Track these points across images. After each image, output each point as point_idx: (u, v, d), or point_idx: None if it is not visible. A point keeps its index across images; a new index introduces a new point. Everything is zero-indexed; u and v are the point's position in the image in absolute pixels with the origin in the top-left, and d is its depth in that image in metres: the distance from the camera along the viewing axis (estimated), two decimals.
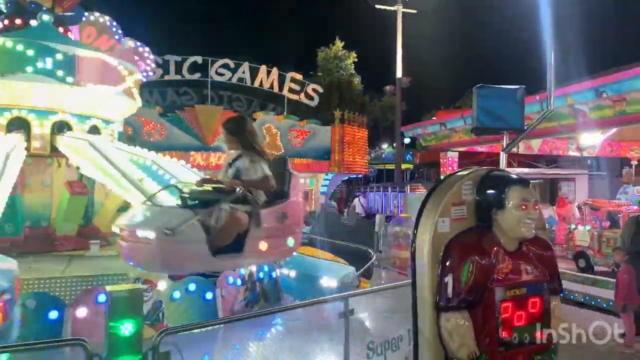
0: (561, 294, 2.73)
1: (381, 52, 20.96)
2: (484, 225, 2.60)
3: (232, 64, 16.74)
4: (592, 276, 8.71)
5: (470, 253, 2.46)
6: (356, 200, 19.13)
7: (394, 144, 22.83)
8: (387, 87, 22.79)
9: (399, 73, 20.19)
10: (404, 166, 22.92)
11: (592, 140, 13.13)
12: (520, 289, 2.54)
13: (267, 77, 16.49)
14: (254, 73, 16.57)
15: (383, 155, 29.45)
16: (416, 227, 2.65)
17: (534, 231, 2.68)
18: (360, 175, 19.67)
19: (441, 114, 17.41)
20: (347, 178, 21.63)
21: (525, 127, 5.24)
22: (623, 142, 13.76)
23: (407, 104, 25.00)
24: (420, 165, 22.84)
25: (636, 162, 12.23)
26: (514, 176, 2.63)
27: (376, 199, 19.69)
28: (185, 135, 15.91)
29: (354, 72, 22.47)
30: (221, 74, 16.73)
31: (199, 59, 16.83)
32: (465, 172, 2.73)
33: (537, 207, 2.53)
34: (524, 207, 2.47)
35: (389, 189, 18.99)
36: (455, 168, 12.58)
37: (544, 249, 2.68)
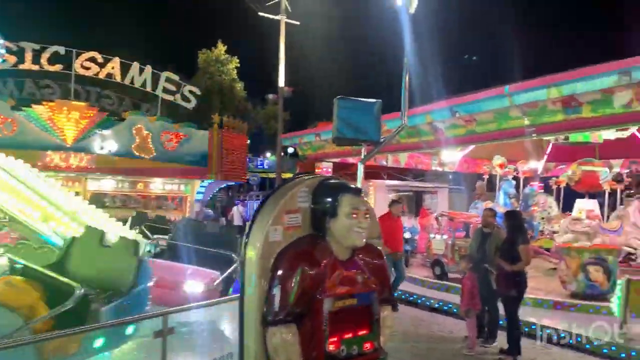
0: (393, 303, 2.76)
1: (267, 59, 20.95)
2: (319, 233, 2.54)
3: (100, 58, 15.46)
4: (445, 283, 9.38)
5: (301, 262, 2.37)
6: (235, 208, 18.73)
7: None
8: (270, 96, 22.86)
9: (281, 82, 20.23)
10: (286, 175, 23.12)
11: (451, 157, 14.33)
12: (350, 299, 2.50)
13: (139, 75, 15.50)
14: (125, 70, 15.48)
15: (267, 164, 29.42)
16: (247, 235, 2.51)
17: (366, 240, 2.71)
18: (239, 183, 19.35)
19: (322, 125, 17.79)
20: (226, 186, 21.14)
21: (382, 140, 5.41)
22: (478, 159, 15.19)
23: (293, 113, 25.37)
24: (300, 174, 23.00)
25: (487, 177, 13.52)
26: (348, 185, 2.60)
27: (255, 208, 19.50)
28: (41, 133, 14.29)
29: (236, 77, 22.14)
30: (87, 68, 15.38)
31: (61, 49, 15.27)
32: (301, 179, 2.65)
33: (368, 215, 2.52)
34: (354, 215, 2.44)
35: None
36: None
37: (375, 258, 2.68)
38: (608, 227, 8.45)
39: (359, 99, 5.32)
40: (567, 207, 12.28)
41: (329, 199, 2.49)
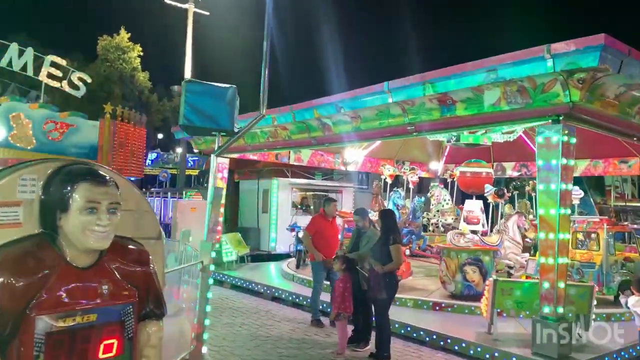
0: (158, 317, 2.27)
1: (178, 50, 19.87)
2: (48, 233, 2.00)
3: None
4: None
5: (4, 272, 1.82)
6: None
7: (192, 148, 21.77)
8: (176, 88, 21.78)
9: (187, 74, 19.27)
10: (193, 172, 22.07)
11: (354, 156, 14.23)
12: (86, 315, 1.99)
13: (18, 58, 13.94)
14: (3, 52, 13.85)
15: (177, 159, 28.07)
16: None
17: (135, 241, 2.21)
18: (138, 178, 18.11)
19: None
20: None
21: (237, 130, 4.92)
22: (381, 159, 15.24)
23: None
24: (206, 171, 22.29)
25: (383, 177, 13.55)
26: (91, 171, 2.06)
27: (156, 206, 18.37)
28: None
29: (138, 66, 20.79)
30: None
31: None
32: (24, 164, 2.09)
33: (115, 210, 2.01)
34: (92, 209, 1.92)
35: (169, 194, 17.89)
36: (225, 175, 12.26)
37: (136, 263, 2.17)
38: (488, 242, 8.59)
39: (211, 83, 4.80)
40: (462, 201, 12.58)
41: (62, 189, 1.95)
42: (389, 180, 12.30)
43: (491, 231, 9.86)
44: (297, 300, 8.84)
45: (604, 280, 7.90)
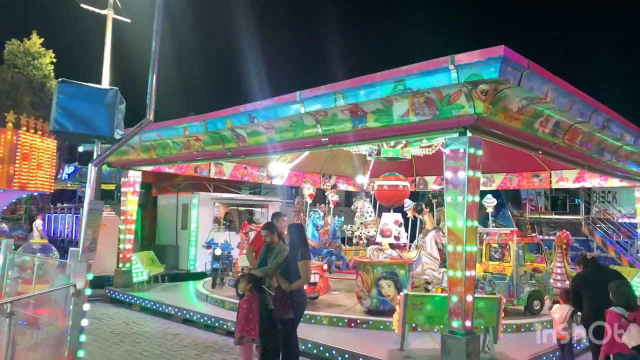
0: None
1: (93, 58, 18.69)
2: None
3: None
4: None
5: None
6: (34, 223, 16.07)
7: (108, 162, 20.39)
8: None
9: (105, 83, 18.18)
10: (109, 186, 20.76)
11: (279, 169, 13.90)
12: None
13: None
14: None
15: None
16: None
17: None
18: (46, 193, 16.74)
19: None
20: (34, 195, 18.24)
21: (120, 137, 4.43)
22: (307, 173, 15.03)
23: (126, 118, 22.79)
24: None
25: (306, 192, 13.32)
26: None
27: (66, 222, 17.00)
28: None
29: (50, 73, 19.34)
30: None
31: None
32: None
33: None
34: None
35: (81, 210, 16.55)
36: (137, 189, 11.48)
37: None
38: (406, 257, 8.51)
39: (87, 84, 4.31)
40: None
41: None
42: (309, 200, 12.01)
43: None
44: (209, 322, 8.29)
45: (515, 291, 8.02)
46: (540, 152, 7.18)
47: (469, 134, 5.63)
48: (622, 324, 4.55)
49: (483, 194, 14.55)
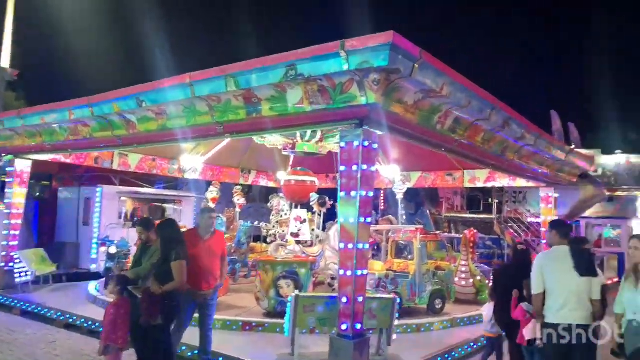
0: None
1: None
2: None
3: None
4: None
5: None
6: None
7: None
8: None
9: (4, 62, 16.52)
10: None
11: (191, 162, 13.14)
12: None
13: None
14: None
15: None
16: None
17: None
18: None
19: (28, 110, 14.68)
20: None
21: None
22: (224, 167, 14.38)
23: (35, 99, 21.02)
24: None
25: (219, 186, 12.74)
26: None
27: None
28: None
29: None
30: None
31: None
32: None
33: None
34: None
35: None
36: (25, 180, 10.33)
37: None
38: (310, 252, 8.18)
39: None
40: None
41: None
42: (212, 204, 11.38)
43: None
44: (93, 327, 7.51)
45: (417, 289, 7.90)
46: (443, 149, 7.07)
47: (365, 126, 5.34)
48: (526, 319, 4.75)
49: (409, 191, 14.69)
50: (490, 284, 6.44)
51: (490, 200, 17.71)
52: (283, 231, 12.08)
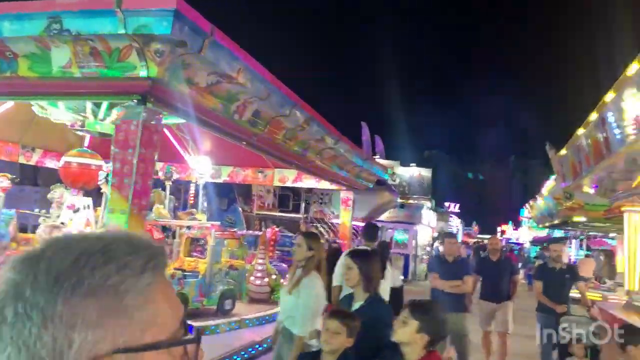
0: None
1: None
2: None
3: None
4: None
5: None
6: None
7: None
8: None
9: None
10: None
11: None
12: None
13: None
14: None
15: None
16: None
17: None
18: None
19: None
20: None
21: None
22: (6, 142, 11.94)
23: None
24: None
25: None
26: None
27: None
28: None
29: None
30: None
31: None
32: None
33: None
34: None
35: None
36: None
37: None
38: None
39: None
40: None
41: None
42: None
43: None
44: None
45: (206, 290, 7.41)
46: (243, 142, 6.71)
47: (147, 104, 4.65)
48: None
49: (222, 186, 14.11)
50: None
51: (299, 200, 18.24)
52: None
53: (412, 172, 24.26)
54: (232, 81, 5.15)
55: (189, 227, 8.06)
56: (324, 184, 12.04)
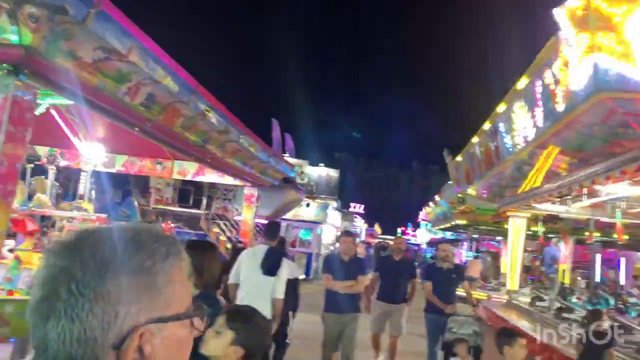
0: None
1: None
2: None
3: None
4: None
5: None
6: None
7: None
8: None
9: None
10: None
11: None
12: None
13: None
14: None
15: None
16: None
17: None
18: None
19: None
20: None
21: None
22: None
23: None
24: None
25: None
26: None
27: None
28: None
29: None
30: None
31: None
32: None
33: None
34: None
35: None
36: None
37: None
38: None
39: None
40: None
41: None
42: None
43: None
44: None
45: None
46: (136, 128, 6.19)
47: (21, 76, 4.06)
48: None
49: (117, 177, 13.07)
50: None
51: (202, 195, 17.54)
52: None
53: (321, 172, 24.51)
54: (123, 59, 4.68)
55: (71, 219, 7.30)
56: (228, 179, 11.64)
